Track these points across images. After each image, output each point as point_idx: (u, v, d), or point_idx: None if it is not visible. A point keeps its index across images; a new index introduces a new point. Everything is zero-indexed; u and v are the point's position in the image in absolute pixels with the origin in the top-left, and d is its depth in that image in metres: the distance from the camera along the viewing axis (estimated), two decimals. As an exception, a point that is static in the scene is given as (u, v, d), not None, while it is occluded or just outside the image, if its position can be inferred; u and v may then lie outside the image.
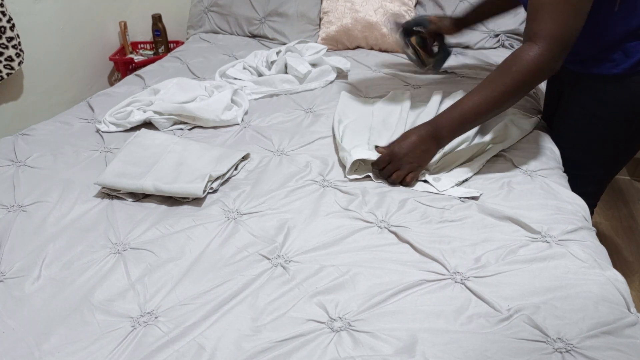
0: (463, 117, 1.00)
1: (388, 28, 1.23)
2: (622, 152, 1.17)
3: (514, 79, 0.94)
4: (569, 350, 0.69)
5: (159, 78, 1.64)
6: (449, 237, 0.91)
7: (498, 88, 0.96)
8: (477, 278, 0.82)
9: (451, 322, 0.74)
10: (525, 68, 0.93)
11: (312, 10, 1.99)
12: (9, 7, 1.71)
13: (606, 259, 0.87)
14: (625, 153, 1.17)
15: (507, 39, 1.84)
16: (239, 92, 1.47)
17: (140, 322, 0.75)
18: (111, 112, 1.35)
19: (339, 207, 1.00)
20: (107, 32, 2.31)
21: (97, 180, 1.04)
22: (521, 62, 0.93)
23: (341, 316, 0.76)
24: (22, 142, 1.26)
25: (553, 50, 0.92)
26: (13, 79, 1.84)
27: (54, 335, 0.74)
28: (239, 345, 0.71)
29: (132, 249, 0.90)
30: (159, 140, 1.18)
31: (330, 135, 1.27)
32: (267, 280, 0.83)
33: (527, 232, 0.91)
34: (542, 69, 0.93)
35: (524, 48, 0.94)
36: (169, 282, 0.83)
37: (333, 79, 1.60)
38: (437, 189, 1.04)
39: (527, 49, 0.93)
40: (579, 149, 1.17)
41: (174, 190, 1.01)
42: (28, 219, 0.98)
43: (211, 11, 2.13)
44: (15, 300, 0.80)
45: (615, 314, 0.74)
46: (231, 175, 1.11)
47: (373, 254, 0.88)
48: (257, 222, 0.96)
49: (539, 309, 0.75)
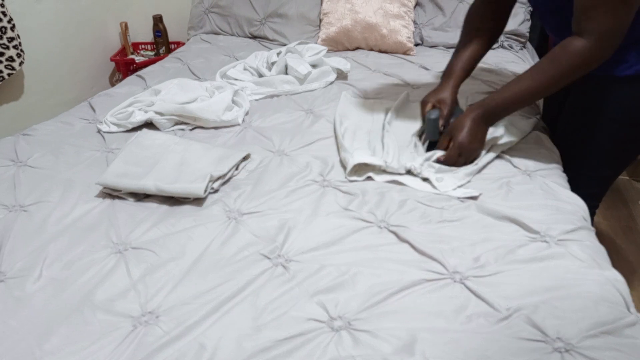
0: (510, 100, 1.04)
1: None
2: (631, 153, 1.16)
3: (561, 69, 0.97)
4: (569, 350, 0.69)
5: (160, 79, 1.64)
6: (449, 237, 0.91)
7: (545, 75, 0.99)
8: (476, 278, 0.82)
9: (451, 321, 0.75)
10: (573, 60, 0.96)
11: (312, 11, 1.99)
12: (10, 7, 1.72)
13: (606, 259, 0.87)
14: (633, 154, 1.17)
15: (506, 40, 1.84)
16: (239, 92, 1.47)
17: (141, 322, 0.76)
18: (112, 113, 1.35)
19: (339, 207, 1.00)
20: (108, 33, 2.31)
21: (99, 181, 1.04)
22: (570, 54, 0.96)
23: (341, 315, 0.76)
24: (23, 142, 1.26)
25: (603, 45, 0.93)
26: (14, 79, 1.85)
27: (55, 335, 0.74)
28: (240, 345, 0.72)
29: (133, 249, 0.91)
30: (160, 140, 1.19)
31: (330, 136, 1.27)
32: (267, 280, 0.83)
33: (526, 232, 0.91)
34: (589, 62, 0.96)
35: (572, 40, 0.96)
36: (170, 281, 0.83)
37: (333, 80, 1.60)
38: (438, 190, 1.04)
39: (575, 41, 0.95)
40: (587, 149, 1.17)
41: (175, 190, 1.01)
42: (29, 219, 0.98)
43: (212, 12, 2.13)
44: (16, 300, 0.80)
45: (614, 314, 0.74)
46: (232, 175, 1.12)
47: (373, 253, 0.88)
48: (257, 221, 0.97)
49: (539, 309, 0.75)
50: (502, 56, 1.76)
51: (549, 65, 0.99)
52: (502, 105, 1.05)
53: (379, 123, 1.29)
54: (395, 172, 1.08)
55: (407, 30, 1.86)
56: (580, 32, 0.95)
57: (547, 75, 0.99)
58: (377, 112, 1.35)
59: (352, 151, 1.12)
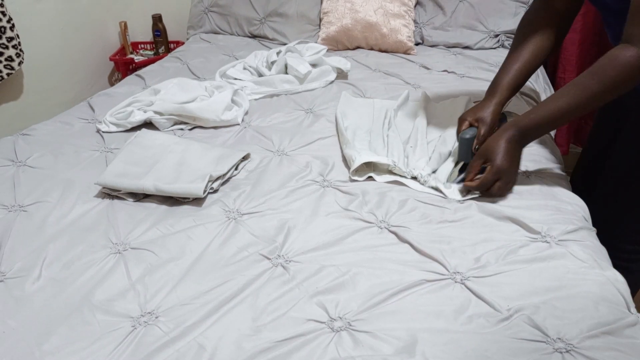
0: (547, 119, 0.93)
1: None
2: None
3: (606, 82, 0.87)
4: (569, 351, 0.69)
5: (159, 78, 1.64)
6: (449, 237, 0.91)
7: (586, 91, 0.88)
8: (477, 278, 0.82)
9: (451, 322, 0.74)
10: (619, 71, 0.85)
11: (312, 10, 1.99)
12: (9, 7, 1.71)
13: (606, 259, 0.87)
14: None
15: (507, 39, 1.84)
16: (239, 92, 1.47)
17: (140, 322, 0.75)
18: (112, 112, 1.35)
19: (339, 207, 1.00)
20: (108, 33, 2.31)
21: (98, 181, 1.04)
22: (618, 63, 0.85)
23: (341, 316, 0.76)
24: (22, 142, 1.26)
25: None
26: (13, 79, 1.84)
27: (55, 335, 0.74)
28: (240, 345, 0.71)
29: (132, 249, 0.90)
30: (160, 140, 1.18)
31: (330, 136, 1.27)
32: (267, 280, 0.83)
33: (527, 232, 0.91)
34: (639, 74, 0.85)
35: (620, 49, 0.86)
36: (169, 282, 0.83)
37: (333, 79, 1.60)
38: (446, 195, 1.02)
39: (624, 50, 0.85)
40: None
41: (174, 190, 1.01)
42: (28, 219, 0.98)
43: (211, 11, 2.13)
44: (15, 300, 0.80)
45: (615, 314, 0.74)
46: (231, 175, 1.11)
47: (373, 254, 0.88)
48: (257, 222, 0.96)
49: (539, 309, 0.75)
50: (503, 55, 1.73)
51: (591, 78, 0.88)
52: (538, 124, 0.94)
53: (379, 123, 1.29)
54: (400, 174, 1.08)
55: (407, 29, 1.85)
56: (630, 38, 0.85)
57: (588, 91, 0.88)
58: (378, 111, 1.35)
59: (359, 150, 1.11)
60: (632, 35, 0.84)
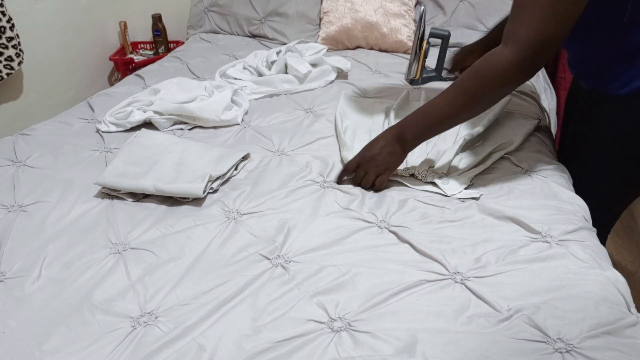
0: (428, 121, 0.95)
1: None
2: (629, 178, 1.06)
3: (482, 84, 0.87)
4: (569, 351, 0.69)
5: (159, 78, 1.64)
6: (449, 237, 0.91)
7: (465, 93, 0.89)
8: (477, 278, 0.82)
9: (451, 322, 0.74)
10: (494, 74, 0.85)
11: (312, 10, 1.99)
12: (9, 7, 1.71)
13: (606, 259, 0.86)
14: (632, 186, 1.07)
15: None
16: (239, 92, 1.47)
17: (140, 322, 0.75)
18: (111, 112, 1.35)
19: (339, 207, 1.00)
20: (107, 32, 2.31)
21: (97, 180, 1.04)
22: (490, 67, 0.86)
23: (341, 316, 0.76)
24: (22, 142, 1.26)
25: (526, 55, 0.82)
26: (13, 79, 1.84)
27: (54, 335, 0.74)
28: (239, 345, 0.71)
29: (132, 249, 0.90)
30: (159, 140, 1.18)
31: (330, 136, 1.27)
32: (267, 281, 0.83)
33: (527, 232, 0.91)
34: (512, 76, 0.85)
35: (496, 52, 0.86)
36: (169, 282, 0.83)
37: (333, 79, 1.60)
38: (445, 192, 1.03)
39: (498, 53, 0.85)
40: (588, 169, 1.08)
41: (174, 190, 1.01)
42: (28, 219, 0.98)
43: (211, 11, 2.13)
44: (15, 300, 0.80)
45: (615, 314, 0.74)
46: (231, 175, 1.11)
47: (373, 254, 0.88)
48: (257, 222, 0.96)
49: (539, 309, 0.75)
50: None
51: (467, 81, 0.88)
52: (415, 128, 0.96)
53: (379, 122, 1.29)
54: (400, 173, 1.08)
55: (407, 29, 1.85)
56: (506, 37, 0.84)
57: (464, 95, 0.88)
58: (378, 111, 1.35)
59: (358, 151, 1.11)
60: (509, 34, 0.84)
